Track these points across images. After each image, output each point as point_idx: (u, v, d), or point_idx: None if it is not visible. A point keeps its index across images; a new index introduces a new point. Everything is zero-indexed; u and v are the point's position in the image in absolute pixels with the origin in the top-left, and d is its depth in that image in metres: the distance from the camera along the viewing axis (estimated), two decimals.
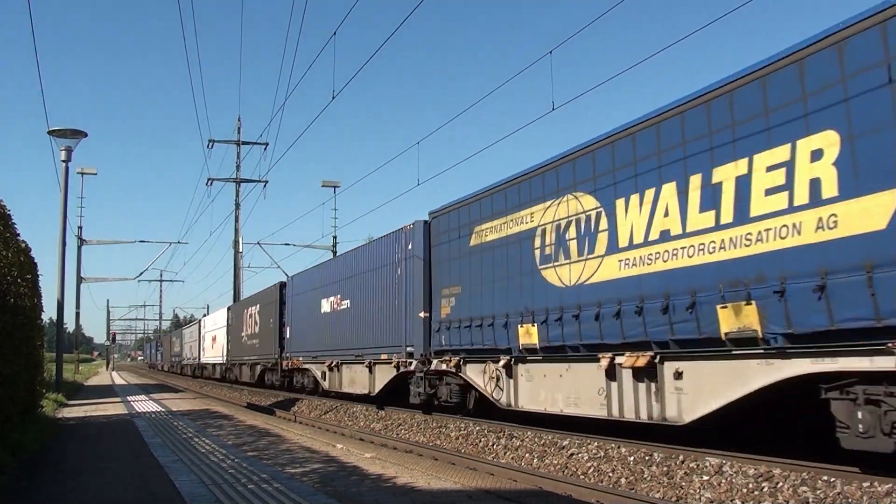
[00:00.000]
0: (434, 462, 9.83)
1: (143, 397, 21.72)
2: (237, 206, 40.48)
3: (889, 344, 6.65)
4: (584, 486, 8.54)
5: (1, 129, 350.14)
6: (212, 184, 39.46)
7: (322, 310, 22.14)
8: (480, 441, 12.63)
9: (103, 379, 42.20)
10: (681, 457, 8.95)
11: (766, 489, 7.54)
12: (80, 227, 37.52)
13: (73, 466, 7.69)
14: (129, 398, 21.08)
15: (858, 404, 7.05)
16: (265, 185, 39.28)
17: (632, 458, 9.42)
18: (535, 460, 10.74)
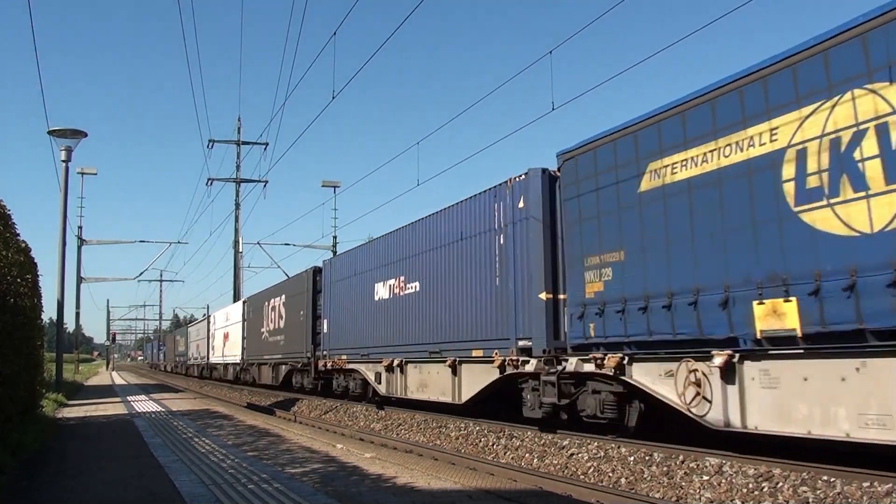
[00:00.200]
0: (434, 462, 9.84)
1: (143, 397, 21.72)
2: (237, 206, 40.53)
3: None
4: (584, 486, 8.54)
5: (1, 129, 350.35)
6: (212, 184, 39.53)
7: (376, 296, 18.06)
8: (480, 441, 12.63)
9: (103, 379, 42.20)
10: (681, 457, 8.95)
11: (766, 489, 7.54)
12: (80, 227, 37.64)
13: (73, 466, 7.69)
14: (129, 398, 21.08)
15: None
16: (265, 185, 39.36)
17: (632, 458, 9.42)
18: (535, 460, 10.74)
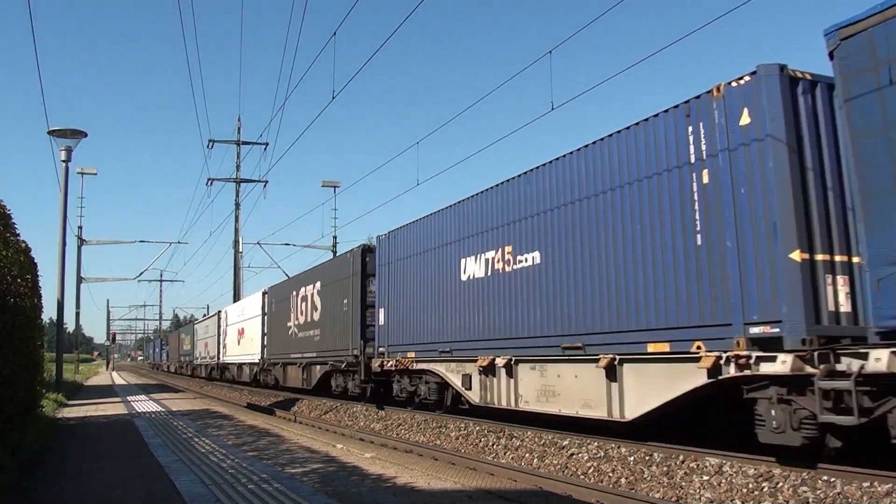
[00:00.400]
0: (434, 462, 9.84)
1: (143, 397, 21.71)
2: (237, 206, 40.53)
3: None
4: (584, 486, 8.55)
5: (1, 129, 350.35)
6: (212, 184, 39.53)
7: (464, 275, 14.04)
8: (480, 441, 12.63)
9: (103, 379, 42.19)
10: (681, 457, 8.95)
11: (766, 489, 7.54)
12: (80, 227, 37.61)
13: (73, 466, 7.69)
14: (129, 398, 21.07)
15: None
16: (265, 185, 39.33)
17: (632, 458, 9.42)
18: (535, 460, 10.74)
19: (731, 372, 8.22)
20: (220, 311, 39.46)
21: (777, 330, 7.85)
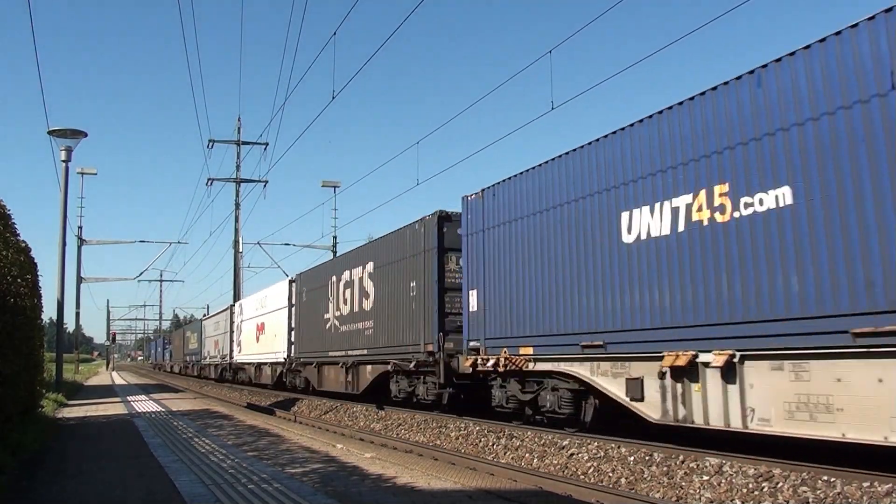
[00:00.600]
0: (434, 462, 9.84)
1: (143, 397, 21.72)
2: (237, 206, 40.55)
3: None
4: (584, 486, 8.55)
5: (1, 129, 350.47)
6: (212, 184, 39.56)
7: (628, 234, 10.13)
8: (480, 441, 12.63)
9: (103, 379, 42.21)
10: (681, 457, 8.95)
11: (766, 489, 7.54)
12: (80, 227, 37.65)
13: (73, 466, 7.69)
14: (129, 398, 21.08)
15: None
16: (265, 185, 39.35)
17: (632, 458, 9.43)
18: (535, 460, 10.74)
19: None
20: (232, 306, 35.76)
21: None
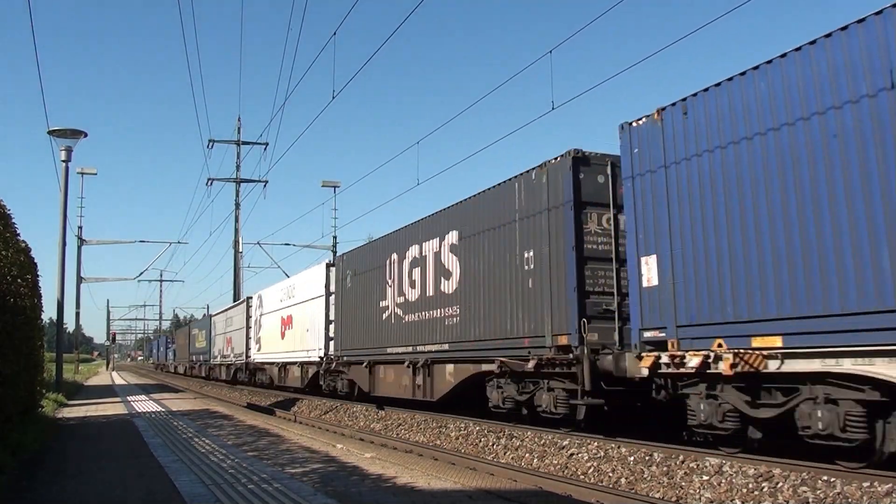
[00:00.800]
0: (434, 462, 9.85)
1: (143, 397, 21.72)
2: (237, 206, 40.59)
3: None
4: (584, 486, 8.55)
5: (1, 129, 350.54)
6: (212, 184, 39.63)
7: None
8: (480, 441, 12.63)
9: (103, 379, 42.21)
10: (681, 457, 8.95)
11: (766, 489, 7.54)
12: (80, 227, 37.61)
13: (73, 466, 7.69)
14: (129, 398, 21.08)
15: None
16: (265, 185, 39.39)
17: (632, 458, 9.42)
18: (535, 460, 10.74)
19: None
20: (249, 298, 31.88)
21: None
